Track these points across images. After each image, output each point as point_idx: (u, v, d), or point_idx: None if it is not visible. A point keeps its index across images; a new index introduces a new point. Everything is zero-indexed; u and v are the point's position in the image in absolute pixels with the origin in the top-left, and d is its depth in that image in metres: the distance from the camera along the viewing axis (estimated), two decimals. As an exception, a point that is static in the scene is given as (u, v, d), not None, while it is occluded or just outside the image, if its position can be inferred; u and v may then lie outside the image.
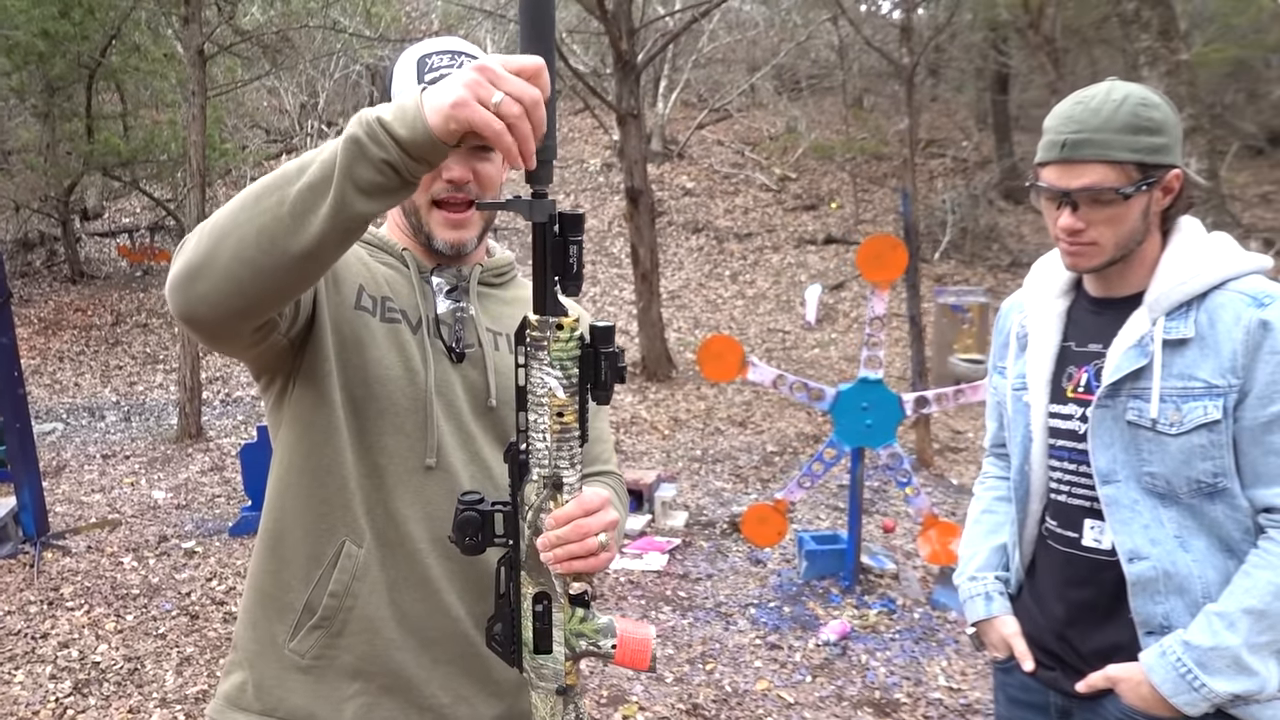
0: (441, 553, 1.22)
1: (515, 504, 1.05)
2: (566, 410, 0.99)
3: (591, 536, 1.00)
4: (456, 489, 1.21)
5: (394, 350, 1.22)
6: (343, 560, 1.19)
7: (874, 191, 15.27)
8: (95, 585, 4.70)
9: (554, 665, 1.05)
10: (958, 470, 7.04)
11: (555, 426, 0.99)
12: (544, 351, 0.98)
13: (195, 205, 7.97)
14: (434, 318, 1.26)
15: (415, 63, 1.24)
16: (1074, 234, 1.42)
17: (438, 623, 1.22)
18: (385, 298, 1.25)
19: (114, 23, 11.28)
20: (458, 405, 1.25)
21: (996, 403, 1.69)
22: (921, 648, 3.92)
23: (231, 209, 0.99)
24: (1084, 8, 11.19)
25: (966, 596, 1.66)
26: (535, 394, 0.99)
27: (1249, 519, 1.38)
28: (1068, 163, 1.39)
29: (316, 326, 1.19)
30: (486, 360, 1.27)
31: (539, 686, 1.06)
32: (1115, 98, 1.38)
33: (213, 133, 11.20)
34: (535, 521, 1.03)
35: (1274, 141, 14.52)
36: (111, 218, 15.53)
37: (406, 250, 1.29)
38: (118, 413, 9.25)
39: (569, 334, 0.98)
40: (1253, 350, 1.33)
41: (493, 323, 1.31)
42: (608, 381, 1.00)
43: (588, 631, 1.06)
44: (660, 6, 14.53)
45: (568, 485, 1.01)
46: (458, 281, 1.29)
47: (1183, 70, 4.18)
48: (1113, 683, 1.42)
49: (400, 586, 1.21)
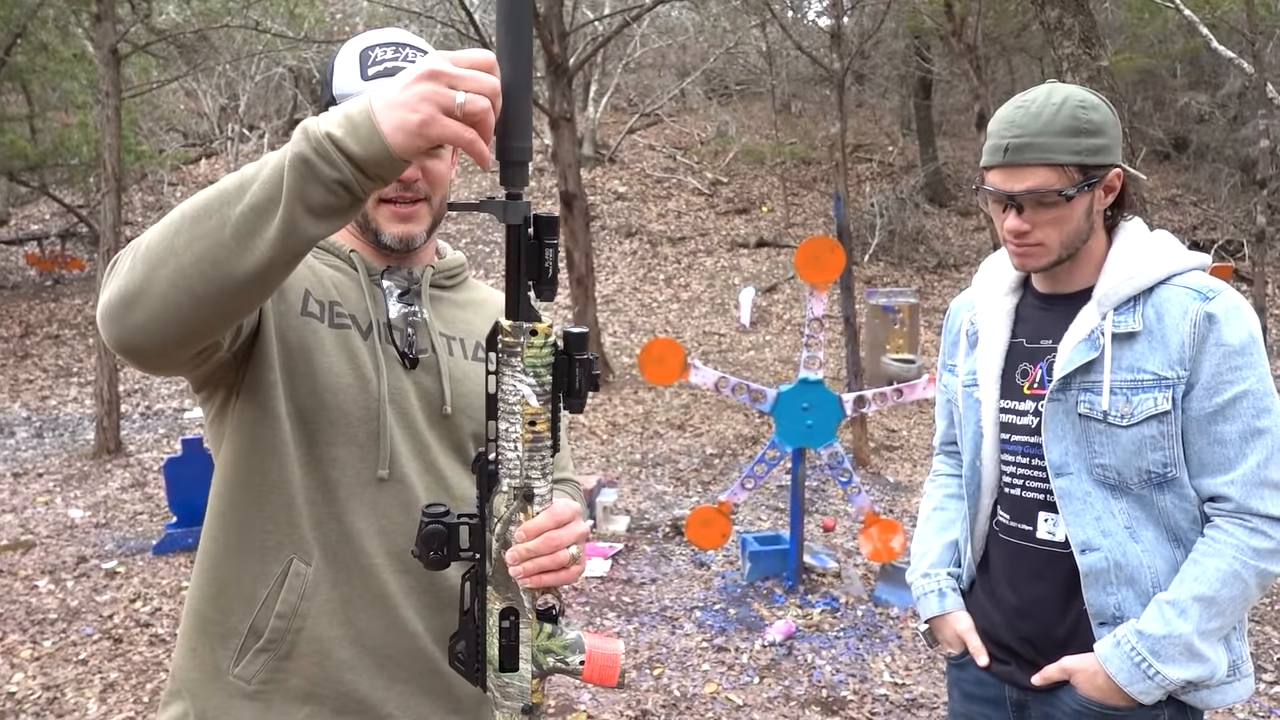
0: (398, 567, 1.17)
1: (483, 516, 1.01)
2: (539, 419, 0.95)
3: (563, 549, 0.97)
4: (411, 501, 1.17)
5: (344, 358, 1.16)
6: (290, 579, 1.13)
7: (804, 195, 15.51)
8: (8, 611, 4.45)
9: (520, 684, 1.01)
10: (894, 468, 7.17)
11: (528, 435, 0.96)
12: (517, 358, 0.94)
13: (110, 210, 7.65)
14: (385, 322, 1.21)
15: (357, 56, 1.19)
16: (1020, 235, 1.44)
17: (394, 639, 1.17)
18: (333, 302, 1.19)
19: (19, 20, 10.77)
20: (411, 414, 1.20)
21: (946, 401, 1.71)
22: (866, 644, 3.96)
23: (166, 231, 0.92)
24: (1004, 16, 11.55)
25: (919, 594, 1.66)
26: (507, 402, 0.95)
27: (1196, 508, 1.41)
28: (1011, 166, 1.41)
29: (261, 337, 1.12)
30: (441, 366, 1.22)
31: (504, 706, 1.02)
32: (1055, 101, 1.41)
33: (128, 135, 10.77)
34: (504, 534, 0.99)
35: (1179, 147, 15.20)
36: (19, 224, 14.85)
37: (354, 252, 1.24)
38: (29, 428, 8.81)
39: (543, 340, 0.95)
40: (1199, 342, 1.36)
41: (446, 327, 1.26)
42: (582, 389, 0.97)
43: (555, 648, 1.02)
44: (590, 11, 14.52)
45: (539, 496, 0.97)
46: (409, 284, 1.24)
47: (1103, 76, 4.32)
48: (1068, 674, 1.44)
49: (354, 604, 1.15)
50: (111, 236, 7.68)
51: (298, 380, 1.14)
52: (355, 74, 1.18)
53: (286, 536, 1.14)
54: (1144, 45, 13.66)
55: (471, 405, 1.22)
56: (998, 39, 12.12)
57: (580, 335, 0.96)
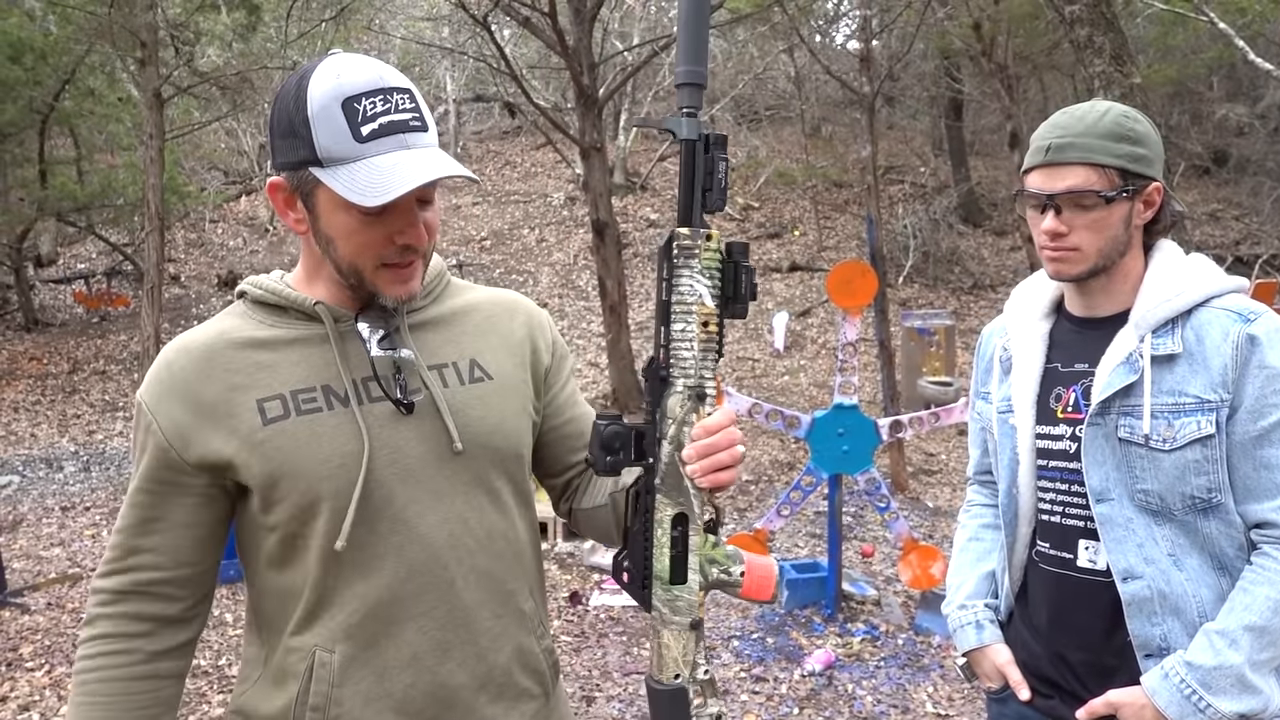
0: (424, 626, 1.16)
1: (654, 423, 1.03)
2: (712, 320, 1.01)
3: (736, 446, 1.01)
4: (431, 556, 1.15)
5: (319, 443, 1.11)
6: (316, 671, 1.13)
7: (836, 218, 15.47)
8: (56, 643, 4.52)
9: (689, 597, 1.03)
10: (933, 493, 7.07)
11: (702, 335, 1.00)
12: (695, 259, 1.00)
13: (154, 249, 7.87)
14: (366, 376, 1.15)
15: (340, 110, 1.05)
16: (1057, 237, 1.42)
17: (434, 697, 1.16)
18: (295, 391, 1.13)
19: (67, 67, 11.14)
20: (412, 465, 1.15)
21: (980, 429, 1.68)
22: (907, 674, 3.89)
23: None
24: (1034, 35, 11.48)
25: (956, 626, 1.63)
26: (685, 302, 1.00)
27: (1242, 535, 1.37)
28: (1052, 165, 1.41)
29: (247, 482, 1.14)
30: (438, 403, 1.16)
31: (672, 623, 1.03)
32: (1100, 109, 1.43)
33: (171, 174, 11.07)
34: (678, 436, 1.02)
35: (1219, 161, 14.95)
36: (66, 264, 15.25)
37: (319, 303, 1.16)
38: (76, 463, 9.00)
39: (717, 245, 1.01)
40: (1242, 365, 1.34)
41: (432, 357, 1.19)
42: (745, 295, 1.02)
43: (719, 557, 1.04)
44: (619, 42, 14.70)
45: (710, 397, 1.02)
46: (387, 325, 1.17)
47: (1136, 94, 4.28)
48: (1114, 708, 1.40)
49: (389, 674, 1.15)
50: (155, 274, 7.88)
51: (282, 490, 1.12)
52: (344, 132, 1.05)
53: (306, 630, 1.14)
54: (1175, 56, 13.49)
55: (480, 433, 1.18)
56: (1028, 58, 12.04)
57: (743, 245, 1.03)
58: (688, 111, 1.01)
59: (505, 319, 1.29)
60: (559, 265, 14.06)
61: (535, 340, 1.30)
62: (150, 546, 1.14)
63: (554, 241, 14.89)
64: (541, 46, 10.45)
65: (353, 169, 1.05)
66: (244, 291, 1.21)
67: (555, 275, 13.89)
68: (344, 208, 1.08)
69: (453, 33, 14.51)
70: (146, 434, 1.14)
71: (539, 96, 13.70)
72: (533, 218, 15.70)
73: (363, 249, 1.10)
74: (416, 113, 1.09)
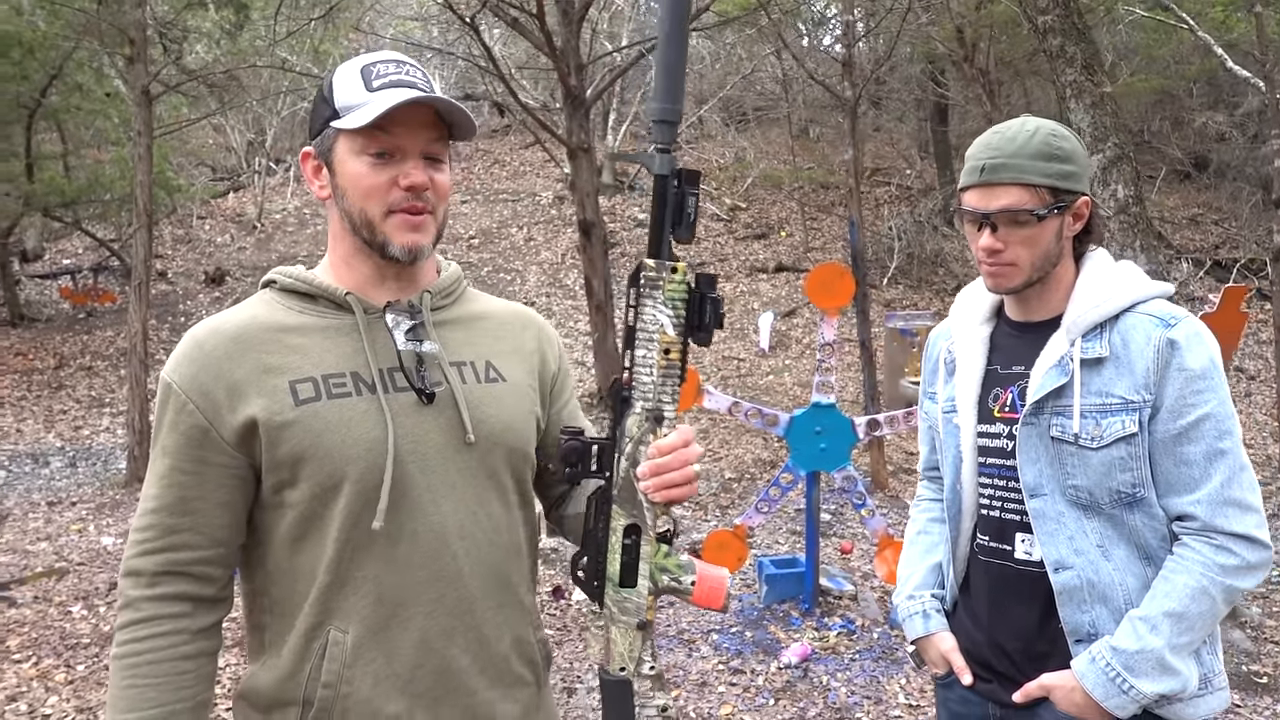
0: (433, 610, 1.20)
1: (614, 439, 1.11)
2: (673, 348, 1.08)
3: (689, 465, 1.09)
4: (443, 544, 1.20)
5: (349, 427, 1.17)
6: (330, 649, 1.17)
7: (822, 219, 15.58)
8: (43, 636, 4.58)
9: (637, 599, 1.11)
10: (912, 490, 7.17)
11: (662, 362, 1.08)
12: (659, 290, 1.08)
13: (142, 245, 7.89)
14: (392, 366, 1.21)
15: (359, 72, 1.21)
16: (994, 254, 1.51)
17: (442, 681, 1.21)
18: (326, 375, 1.19)
19: (55, 62, 11.13)
20: (430, 455, 1.20)
21: (928, 427, 1.77)
22: (881, 666, 3.99)
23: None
24: (1017, 41, 11.62)
25: (905, 615, 1.72)
26: (647, 330, 1.08)
27: (1164, 527, 1.47)
28: (987, 185, 1.50)
29: (266, 461, 1.17)
30: (457, 396, 1.23)
31: (620, 621, 1.11)
32: (1029, 129, 1.50)
33: (163, 170, 11.07)
34: (634, 454, 1.10)
35: (1199, 166, 15.13)
36: (52, 259, 15.21)
37: (350, 294, 1.23)
38: (63, 458, 9.02)
39: (681, 276, 1.08)
40: (1163, 368, 1.43)
41: (454, 353, 1.27)
42: (709, 324, 1.09)
43: (671, 566, 1.12)
44: (608, 42, 14.75)
45: (668, 419, 1.09)
46: (413, 318, 1.24)
47: (1107, 102, 4.39)
48: (1047, 691, 1.50)
49: (398, 656, 1.19)
50: (143, 270, 7.91)
51: (311, 467, 1.17)
52: (359, 86, 1.19)
53: (321, 611, 1.18)
54: (1160, 67, 13.65)
55: (493, 430, 1.25)
56: (1010, 63, 12.18)
57: (710, 277, 1.10)
58: (660, 148, 1.07)
59: (518, 329, 1.38)
60: (547, 264, 14.12)
61: (545, 354, 1.39)
62: (188, 526, 1.16)
63: (542, 240, 14.95)
64: (530, 46, 10.51)
65: (360, 110, 1.18)
66: (272, 280, 1.28)
67: (543, 274, 13.95)
68: (355, 153, 1.19)
69: (441, 32, 14.55)
70: (179, 414, 1.17)
71: (527, 96, 13.75)
72: (521, 217, 15.75)
73: (370, 192, 1.19)
74: (426, 82, 1.24)
